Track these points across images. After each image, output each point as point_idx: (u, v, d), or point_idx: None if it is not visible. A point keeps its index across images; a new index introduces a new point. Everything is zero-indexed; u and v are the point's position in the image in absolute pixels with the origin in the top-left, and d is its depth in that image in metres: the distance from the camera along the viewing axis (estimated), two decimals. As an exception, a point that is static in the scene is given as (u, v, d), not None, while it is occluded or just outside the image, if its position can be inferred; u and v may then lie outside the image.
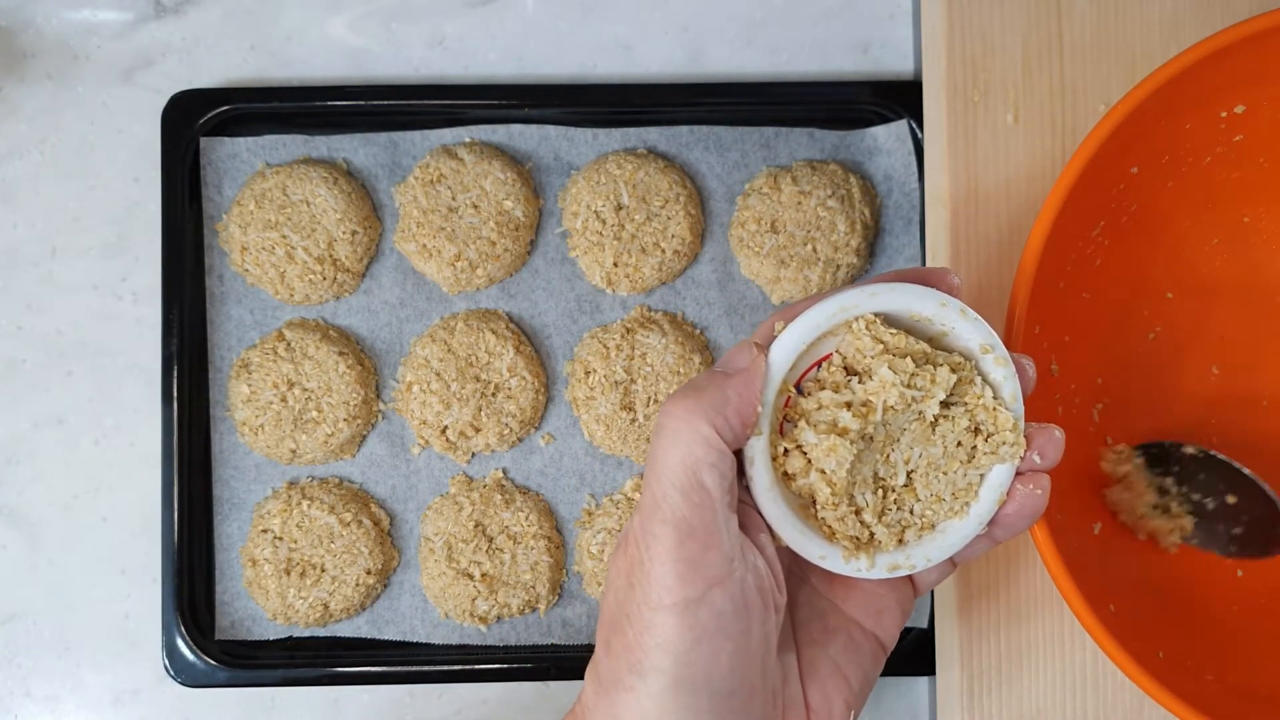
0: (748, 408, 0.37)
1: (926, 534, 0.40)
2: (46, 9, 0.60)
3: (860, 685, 0.40)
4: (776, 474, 0.39)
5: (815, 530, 0.39)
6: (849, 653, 0.40)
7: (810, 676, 0.39)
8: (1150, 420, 0.53)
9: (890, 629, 0.41)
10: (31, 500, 0.59)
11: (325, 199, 0.57)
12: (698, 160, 0.59)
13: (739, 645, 0.35)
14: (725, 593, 0.35)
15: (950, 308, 0.39)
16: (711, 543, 0.35)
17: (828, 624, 0.40)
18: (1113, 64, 0.54)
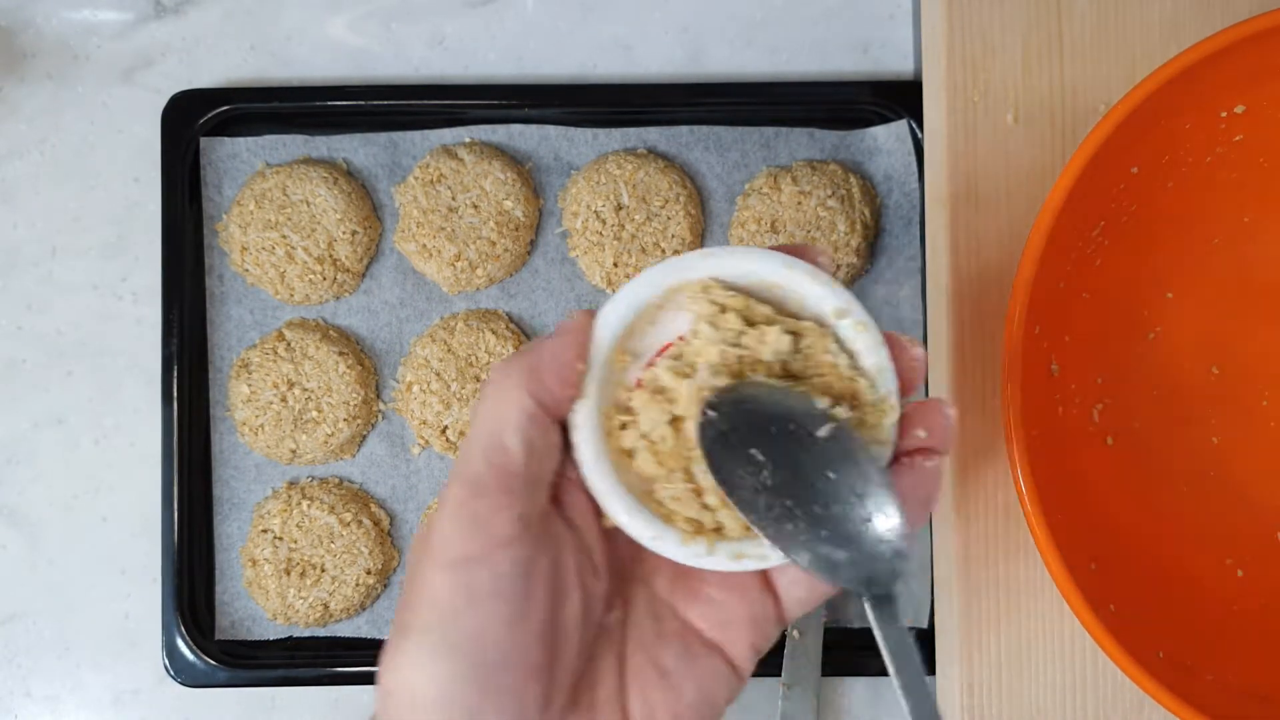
0: (565, 369, 0.34)
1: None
2: (46, 9, 0.60)
3: (696, 701, 0.35)
4: (612, 449, 0.35)
5: (651, 510, 0.35)
6: (684, 663, 0.36)
7: (633, 682, 0.35)
8: (1150, 420, 0.53)
9: (739, 645, 0.36)
10: (31, 500, 0.59)
11: (325, 199, 0.57)
12: (698, 160, 0.59)
13: (517, 614, 0.32)
14: (510, 557, 0.32)
15: (798, 270, 0.35)
16: (503, 504, 0.33)
17: (664, 629, 0.36)
18: (1113, 64, 0.54)
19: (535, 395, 0.34)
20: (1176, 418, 0.53)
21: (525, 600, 0.33)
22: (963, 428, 0.53)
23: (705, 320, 0.36)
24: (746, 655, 0.36)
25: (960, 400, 0.53)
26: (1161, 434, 0.53)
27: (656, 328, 0.37)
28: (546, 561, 0.34)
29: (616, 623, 0.36)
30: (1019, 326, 0.45)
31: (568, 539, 0.35)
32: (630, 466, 0.36)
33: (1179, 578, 0.51)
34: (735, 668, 0.36)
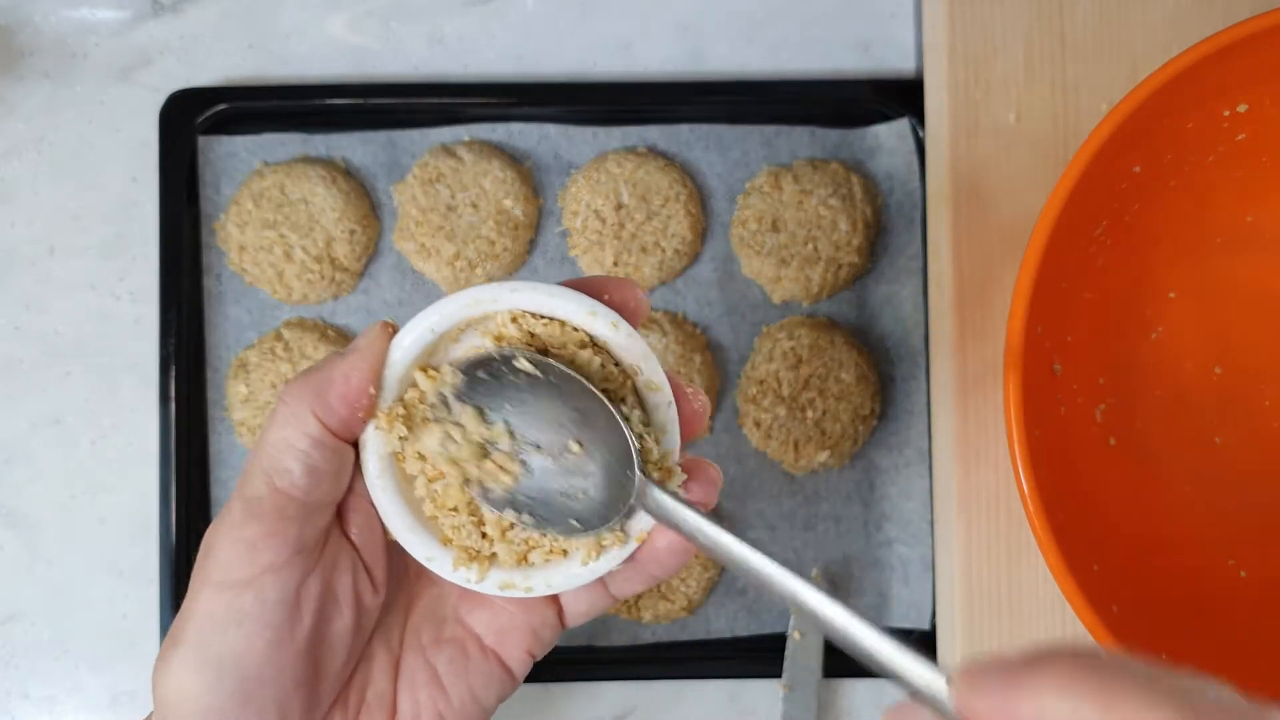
0: (354, 392, 0.34)
1: (556, 559, 0.37)
2: (44, 7, 0.60)
3: (463, 703, 0.37)
4: (400, 469, 0.36)
5: (431, 531, 0.37)
6: (456, 665, 0.38)
7: (406, 683, 0.37)
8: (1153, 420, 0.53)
9: (516, 652, 0.38)
10: (29, 501, 0.59)
11: (323, 198, 0.57)
12: (698, 159, 0.59)
13: (281, 635, 0.34)
14: (278, 583, 0.34)
15: (601, 318, 0.36)
16: (276, 529, 0.34)
17: (442, 633, 0.38)
18: (1115, 63, 0.54)
19: (322, 418, 0.34)
20: (1179, 418, 0.53)
21: (290, 623, 0.34)
22: (963, 428, 0.53)
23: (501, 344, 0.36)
24: (521, 660, 0.39)
25: (961, 400, 0.53)
26: (1164, 434, 0.53)
27: (461, 346, 0.37)
28: (318, 583, 0.35)
29: (396, 626, 0.38)
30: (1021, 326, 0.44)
31: (346, 557, 0.36)
32: (415, 486, 0.37)
33: (1182, 578, 0.51)
34: (509, 671, 0.39)
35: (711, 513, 0.35)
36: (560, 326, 0.36)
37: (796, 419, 0.57)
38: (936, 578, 0.56)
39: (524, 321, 0.36)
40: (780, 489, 0.58)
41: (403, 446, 0.36)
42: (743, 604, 0.58)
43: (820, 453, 0.57)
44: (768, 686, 0.58)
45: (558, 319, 0.36)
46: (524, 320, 0.36)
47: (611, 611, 0.57)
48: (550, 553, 0.37)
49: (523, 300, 0.36)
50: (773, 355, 0.57)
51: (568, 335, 0.36)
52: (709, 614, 0.58)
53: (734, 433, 0.59)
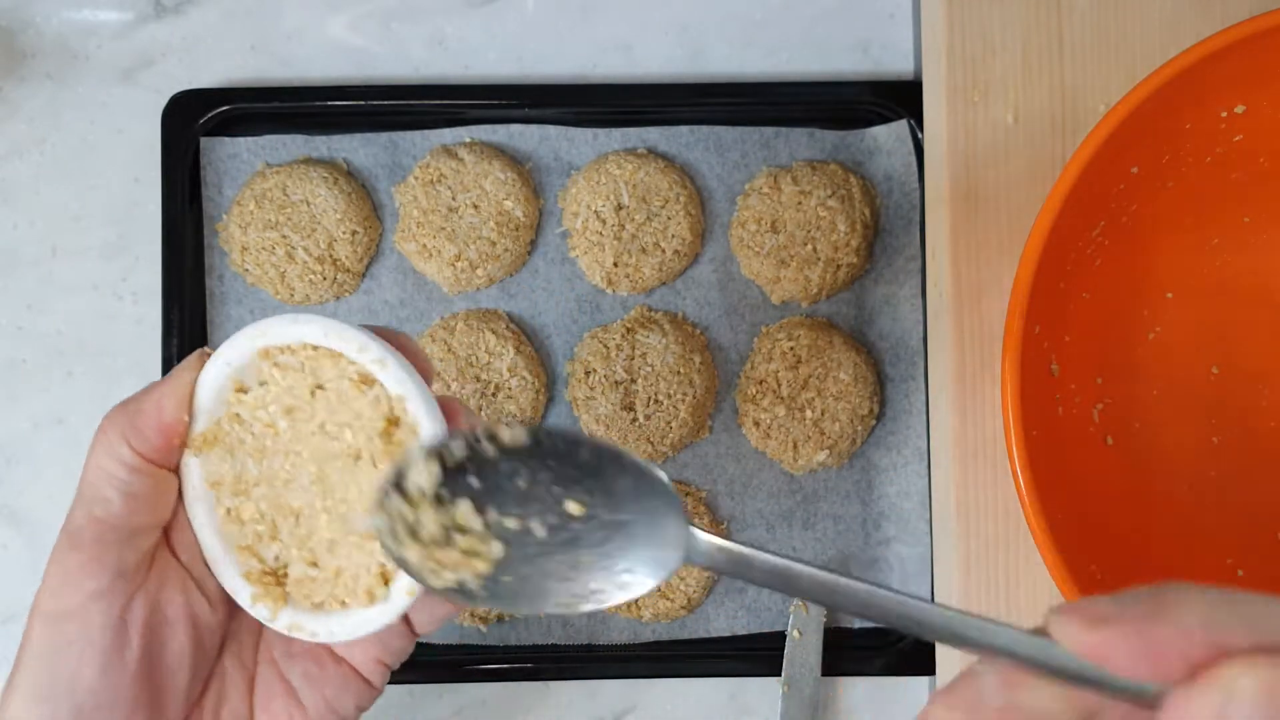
0: (166, 423, 0.35)
1: (338, 608, 0.37)
2: (46, 9, 0.60)
3: (320, 713, 0.38)
4: (216, 495, 0.37)
5: (239, 560, 0.37)
6: (310, 677, 0.38)
7: (261, 699, 0.38)
8: (1150, 420, 0.53)
9: (366, 661, 0.38)
10: (31, 500, 0.59)
11: (325, 199, 0.57)
12: (698, 160, 0.59)
13: (110, 660, 0.34)
14: (101, 609, 0.34)
15: (369, 353, 0.35)
16: (95, 555, 0.34)
17: (293, 647, 0.38)
18: (1113, 64, 0.54)
19: (136, 447, 0.35)
20: (1176, 418, 0.53)
21: (118, 646, 0.34)
22: (961, 428, 0.53)
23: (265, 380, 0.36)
24: (374, 669, 0.39)
25: (960, 400, 0.53)
26: (1162, 434, 0.53)
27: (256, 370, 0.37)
28: (144, 606, 0.35)
29: (249, 642, 0.38)
30: (1018, 326, 0.45)
31: (174, 577, 0.36)
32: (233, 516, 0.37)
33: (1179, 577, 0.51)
34: (364, 680, 0.39)
35: (715, 525, 0.34)
36: (334, 359, 0.36)
37: (795, 419, 0.57)
38: (935, 577, 0.56)
39: (274, 357, 0.36)
40: (779, 488, 0.59)
41: (219, 473, 0.37)
42: (742, 603, 0.58)
43: (819, 452, 0.57)
44: (767, 685, 0.58)
45: (333, 351, 0.36)
46: (274, 355, 0.36)
47: (611, 610, 0.58)
48: (333, 600, 0.37)
49: (299, 332, 0.36)
50: (772, 355, 0.57)
51: (341, 369, 0.36)
52: (708, 612, 0.58)
53: (733, 432, 0.59)
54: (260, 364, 0.36)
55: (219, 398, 0.36)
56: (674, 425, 0.57)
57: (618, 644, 0.58)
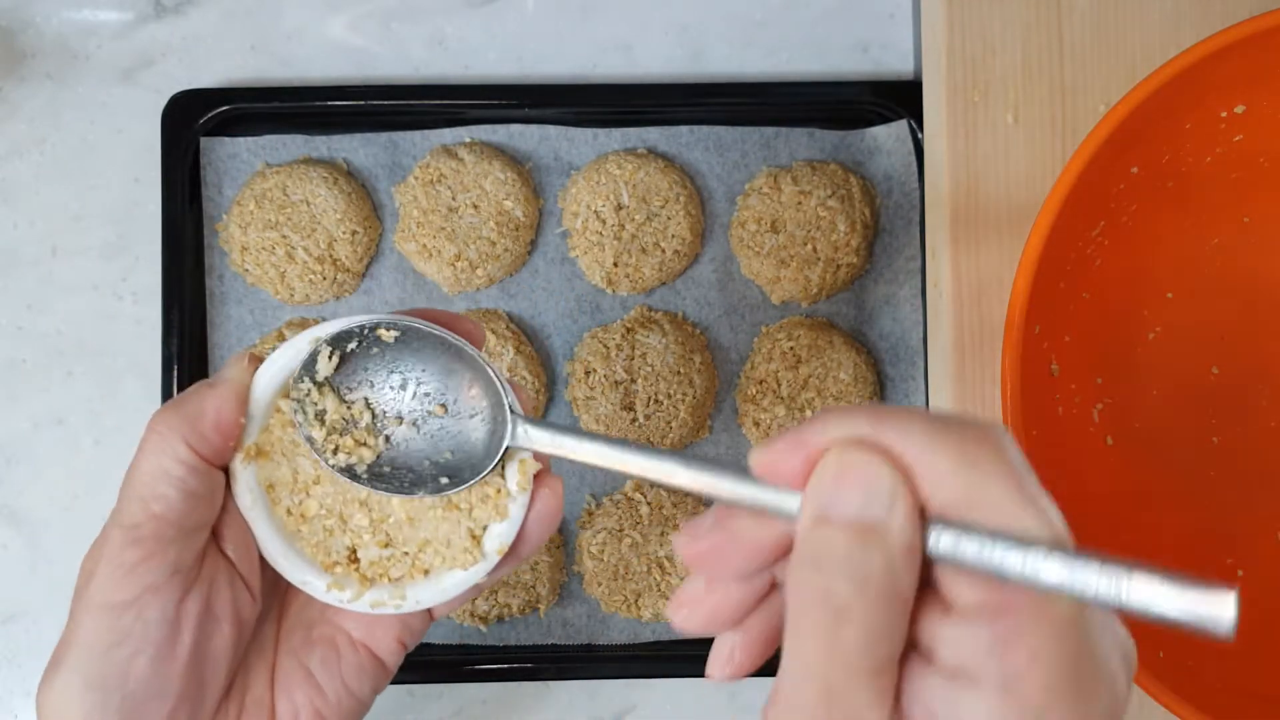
0: (224, 424, 0.36)
1: (420, 577, 0.39)
2: (46, 9, 0.60)
3: (337, 695, 0.39)
4: (271, 495, 0.38)
5: (302, 554, 0.38)
6: (328, 663, 0.39)
7: (282, 685, 0.39)
8: (1150, 420, 0.53)
9: (387, 643, 0.40)
10: (31, 500, 0.59)
11: (325, 199, 0.57)
12: (698, 160, 0.59)
13: (163, 654, 0.36)
14: (159, 604, 0.35)
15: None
16: (155, 551, 0.35)
17: (312, 634, 0.40)
18: (1113, 64, 0.54)
19: (195, 447, 0.36)
20: (1176, 418, 0.53)
21: (172, 641, 0.36)
22: (963, 428, 0.53)
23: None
24: (393, 650, 0.40)
25: (959, 400, 0.53)
26: (1161, 434, 0.53)
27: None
28: (197, 602, 0.36)
29: (270, 631, 0.40)
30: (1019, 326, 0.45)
31: (223, 573, 0.38)
32: (287, 511, 0.39)
33: (1179, 577, 0.51)
34: (380, 663, 0.40)
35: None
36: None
37: (795, 419, 0.57)
38: (935, 577, 0.56)
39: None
40: (780, 488, 0.59)
41: (272, 475, 0.38)
42: (742, 603, 0.58)
43: (819, 452, 0.57)
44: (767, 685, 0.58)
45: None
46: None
47: (611, 610, 0.58)
48: (414, 571, 0.39)
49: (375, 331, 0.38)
50: (772, 355, 0.57)
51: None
52: (709, 613, 0.58)
53: (733, 432, 0.59)
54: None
55: (269, 401, 0.38)
56: (674, 425, 0.57)
57: (618, 644, 0.58)
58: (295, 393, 0.37)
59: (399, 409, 0.38)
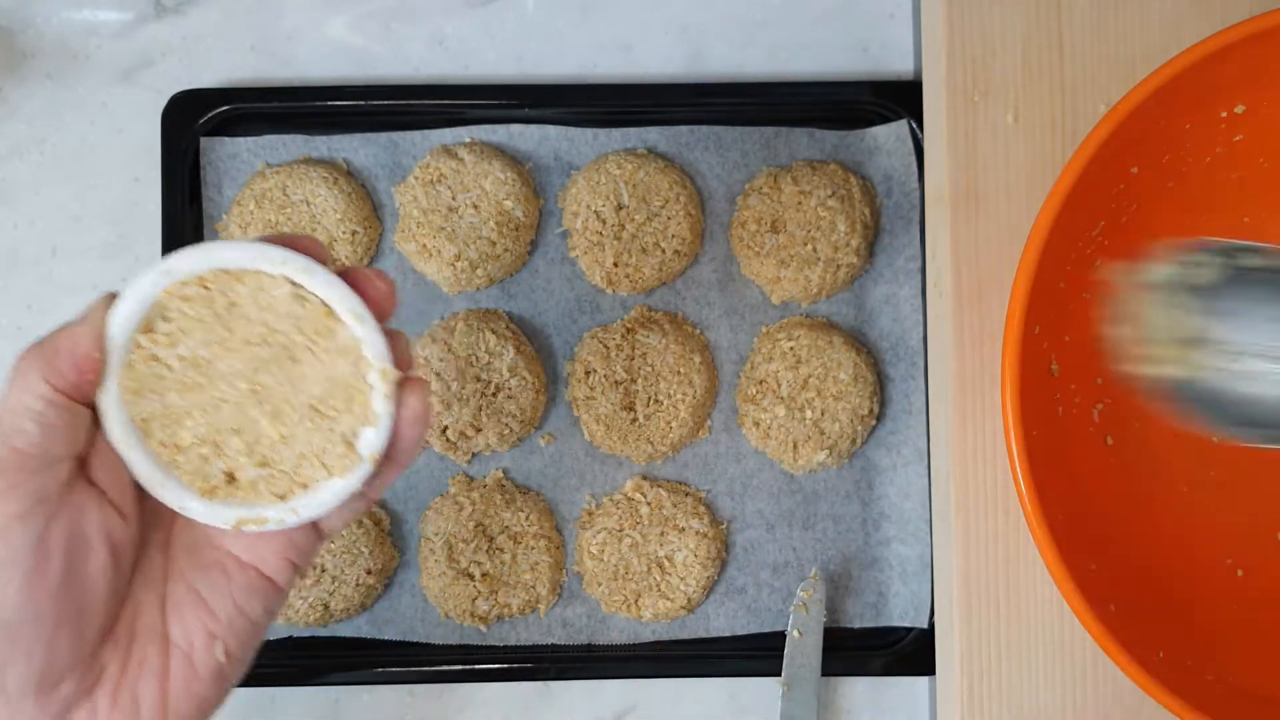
0: (82, 360, 0.38)
1: (300, 491, 0.40)
2: (46, 9, 0.60)
3: (230, 617, 0.40)
4: (141, 426, 0.39)
5: (179, 481, 0.39)
6: (217, 585, 0.40)
7: (173, 609, 0.40)
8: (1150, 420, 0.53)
9: (275, 561, 0.41)
10: (32, 500, 0.59)
11: (325, 199, 0.57)
12: (698, 160, 0.59)
13: (31, 580, 0.36)
14: (22, 529, 0.36)
15: (292, 265, 0.38)
16: (16, 482, 0.36)
17: (200, 559, 0.40)
18: (1113, 64, 0.54)
19: (53, 382, 0.37)
20: (1176, 418, 0.53)
21: (40, 566, 0.37)
22: (961, 427, 0.53)
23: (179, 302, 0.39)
24: (282, 569, 0.41)
25: (960, 400, 0.53)
26: (1161, 434, 0.53)
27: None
28: (63, 527, 0.37)
29: (158, 560, 0.40)
30: (1019, 326, 0.45)
31: (92, 500, 0.38)
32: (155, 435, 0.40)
33: (1179, 578, 0.51)
34: (271, 582, 0.41)
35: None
36: (240, 278, 0.39)
37: (795, 419, 0.57)
38: (935, 576, 0.57)
39: (210, 280, 0.39)
40: (779, 488, 0.59)
41: (145, 410, 0.39)
42: (742, 603, 0.58)
43: (819, 452, 0.57)
44: (767, 685, 0.58)
45: (257, 271, 0.39)
46: (210, 279, 0.39)
47: (610, 610, 0.58)
48: (293, 484, 0.40)
49: (216, 258, 0.38)
50: (772, 355, 0.57)
51: (258, 283, 0.39)
52: (708, 613, 0.58)
53: (733, 432, 0.59)
54: (166, 301, 0.39)
55: (128, 337, 0.39)
56: (674, 425, 0.57)
57: (618, 644, 0.58)
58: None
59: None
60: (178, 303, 0.39)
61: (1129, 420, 0.53)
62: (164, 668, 0.39)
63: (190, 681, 0.39)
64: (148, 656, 0.39)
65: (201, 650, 0.40)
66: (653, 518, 0.57)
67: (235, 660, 0.40)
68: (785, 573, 0.58)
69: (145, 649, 0.39)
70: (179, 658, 0.39)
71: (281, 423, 0.39)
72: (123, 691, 0.39)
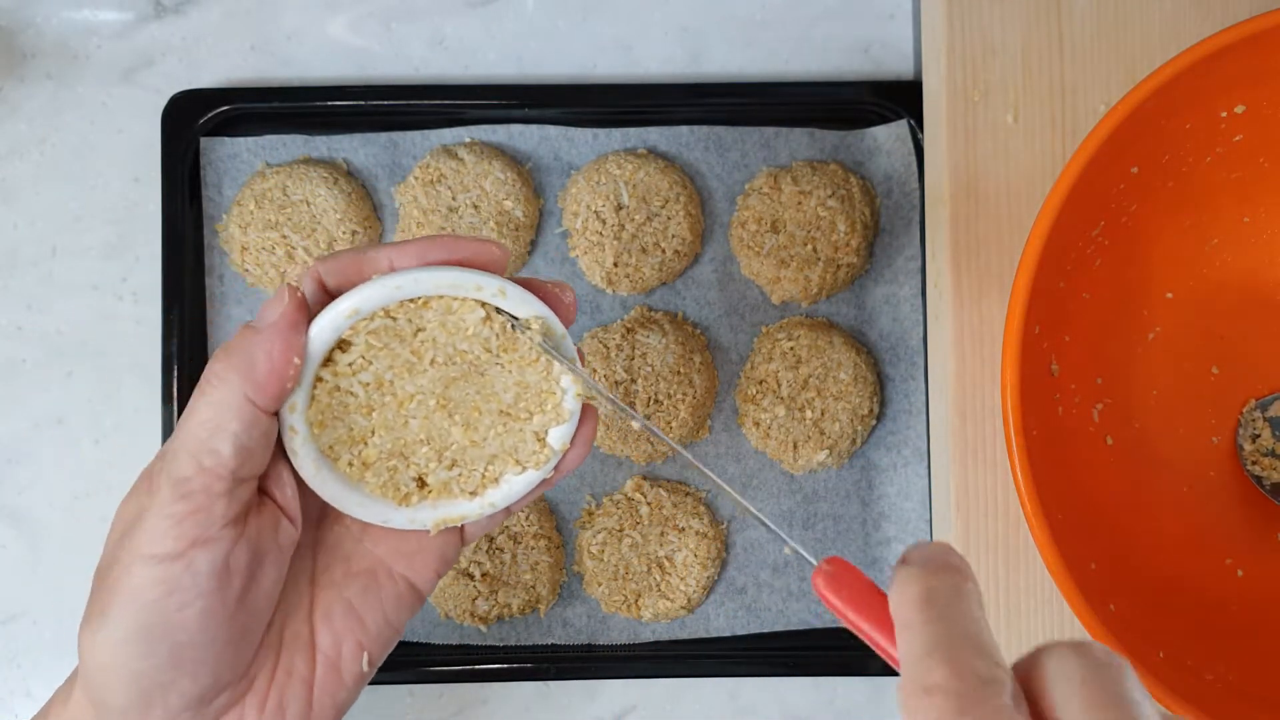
0: (281, 367, 0.36)
1: (494, 487, 0.41)
2: (46, 9, 0.60)
3: (379, 628, 0.40)
4: (331, 455, 0.39)
5: (373, 497, 0.40)
6: (368, 595, 0.40)
7: (322, 618, 0.39)
8: (1150, 420, 0.53)
9: (424, 572, 0.41)
10: (31, 500, 0.59)
11: (325, 199, 0.57)
12: (698, 160, 0.59)
13: (212, 604, 0.36)
14: (208, 555, 0.35)
15: (489, 289, 0.39)
16: (204, 505, 0.35)
17: (351, 567, 0.40)
18: (1113, 64, 0.54)
19: (257, 401, 0.36)
20: (1176, 418, 0.53)
21: (221, 589, 0.36)
22: (961, 427, 0.53)
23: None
24: (430, 580, 0.41)
25: (959, 399, 0.53)
26: (1161, 434, 0.53)
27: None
28: (245, 551, 0.36)
29: (306, 566, 0.40)
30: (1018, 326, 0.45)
31: (269, 514, 0.38)
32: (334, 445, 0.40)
33: (1179, 577, 0.51)
34: (418, 593, 0.41)
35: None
36: (446, 301, 0.39)
37: (795, 419, 0.57)
38: (935, 577, 0.56)
39: (404, 308, 0.39)
40: (779, 488, 0.59)
41: (331, 439, 0.39)
42: (742, 603, 0.58)
43: (819, 452, 0.57)
44: (768, 685, 0.58)
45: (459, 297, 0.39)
46: (405, 306, 0.39)
47: (610, 610, 0.58)
48: (482, 484, 0.41)
49: (429, 286, 0.38)
50: (772, 355, 0.57)
51: (444, 305, 0.39)
52: (709, 613, 0.58)
53: (733, 432, 0.59)
54: (349, 335, 0.38)
55: (318, 359, 0.38)
56: (674, 425, 0.57)
57: (618, 644, 0.58)
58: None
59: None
60: (363, 336, 0.38)
61: (1129, 420, 0.53)
62: (310, 675, 0.39)
63: (335, 689, 0.39)
64: (295, 665, 0.39)
65: (349, 659, 0.39)
66: (653, 518, 0.57)
67: (375, 668, 0.40)
68: (785, 573, 0.58)
69: (293, 658, 0.39)
70: (325, 665, 0.39)
71: (473, 429, 0.40)
72: (271, 699, 0.38)
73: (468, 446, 0.40)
